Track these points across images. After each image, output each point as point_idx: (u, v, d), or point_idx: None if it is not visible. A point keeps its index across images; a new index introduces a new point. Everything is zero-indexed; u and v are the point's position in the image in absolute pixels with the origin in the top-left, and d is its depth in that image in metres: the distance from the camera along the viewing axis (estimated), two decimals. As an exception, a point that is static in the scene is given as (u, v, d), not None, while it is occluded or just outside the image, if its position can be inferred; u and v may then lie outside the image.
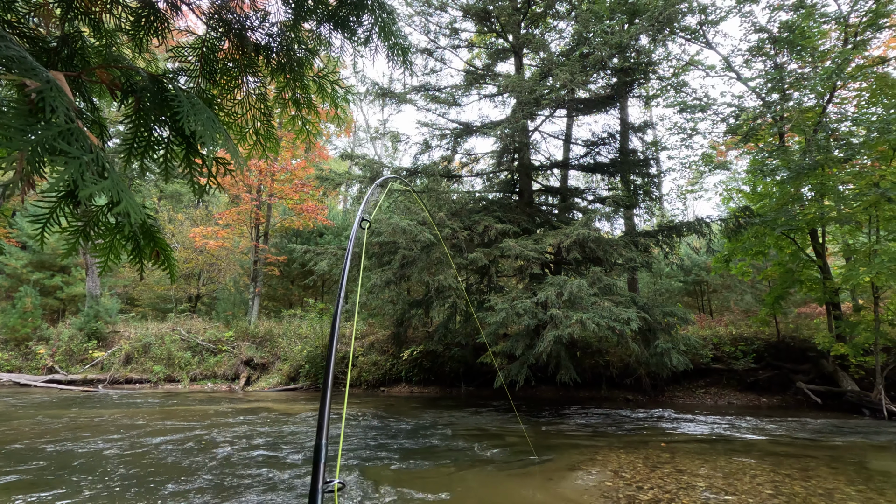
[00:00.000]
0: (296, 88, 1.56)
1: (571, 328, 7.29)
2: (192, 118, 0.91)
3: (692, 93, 11.00)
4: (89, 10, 1.33)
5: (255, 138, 1.58)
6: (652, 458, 5.70)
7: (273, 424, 7.75)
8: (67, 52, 1.23)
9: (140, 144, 1.12)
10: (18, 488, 4.46)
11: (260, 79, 1.55)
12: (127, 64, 1.08)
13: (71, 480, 4.70)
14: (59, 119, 0.67)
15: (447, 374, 12.14)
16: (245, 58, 1.44)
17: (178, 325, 14.88)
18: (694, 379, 10.79)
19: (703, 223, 9.60)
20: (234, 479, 4.86)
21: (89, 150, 0.70)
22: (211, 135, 0.93)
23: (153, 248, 1.02)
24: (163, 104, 1.01)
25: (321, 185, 11.90)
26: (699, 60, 11.57)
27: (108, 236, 1.03)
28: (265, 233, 17.21)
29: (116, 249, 1.05)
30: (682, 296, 16.21)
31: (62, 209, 0.91)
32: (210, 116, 0.95)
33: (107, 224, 1.00)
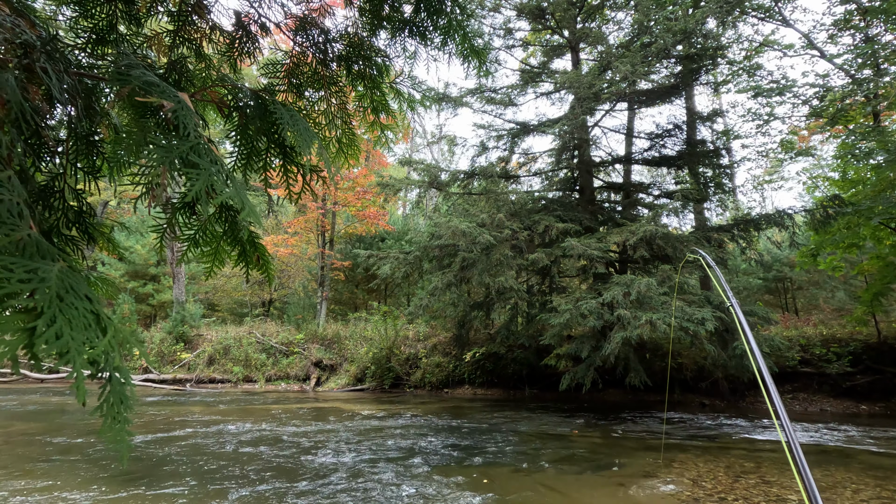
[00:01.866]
0: (374, 95, 1.65)
1: (640, 329, 7.00)
2: (291, 129, 1.00)
3: (768, 75, 10.23)
4: (192, 38, 1.49)
5: (337, 146, 1.69)
6: (735, 467, 5.35)
7: (340, 422, 8.06)
8: (175, 78, 1.38)
9: (243, 156, 1.23)
10: (128, 482, 4.92)
11: (340, 89, 1.65)
12: (232, 83, 1.20)
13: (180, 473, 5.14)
14: (192, 135, 0.76)
15: (510, 377, 12.04)
16: (327, 70, 1.55)
17: (253, 329, 15.84)
18: (779, 383, 9.99)
19: (784, 215, 8.90)
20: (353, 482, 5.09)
21: (214, 161, 0.79)
22: (307, 144, 1.01)
23: (255, 253, 1.12)
24: (262, 117, 1.11)
25: (382, 192, 12.23)
26: (775, 40, 10.75)
27: (214, 243, 1.14)
28: (330, 239, 17.95)
29: (220, 256, 1.17)
30: (761, 293, 15.08)
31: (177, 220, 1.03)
32: (306, 127, 1.04)
33: (213, 232, 1.12)
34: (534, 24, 12.02)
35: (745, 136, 11.42)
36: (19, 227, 0.62)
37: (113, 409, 0.64)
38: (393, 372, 13.03)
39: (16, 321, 0.56)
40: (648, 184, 12.30)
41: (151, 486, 4.55)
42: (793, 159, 11.43)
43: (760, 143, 11.83)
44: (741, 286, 15.05)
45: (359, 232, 18.45)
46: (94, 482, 4.64)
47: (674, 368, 10.61)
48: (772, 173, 14.53)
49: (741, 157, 12.20)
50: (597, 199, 11.71)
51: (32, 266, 0.59)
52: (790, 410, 9.31)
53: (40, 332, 0.56)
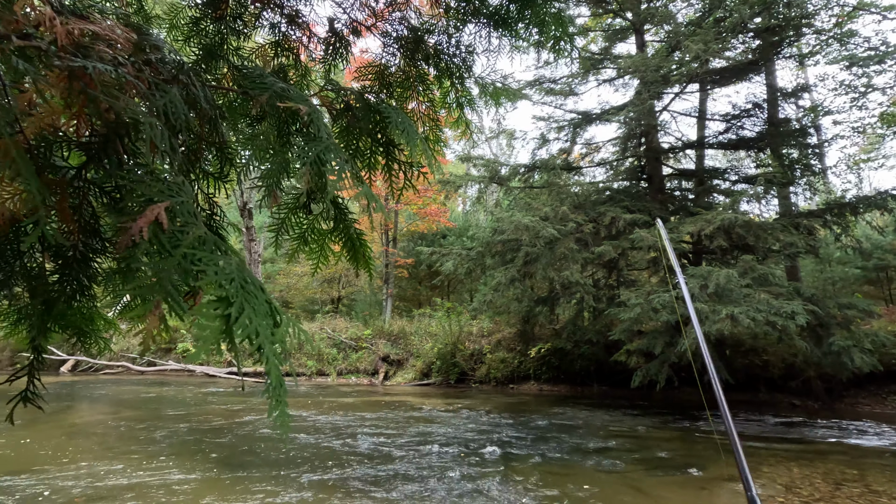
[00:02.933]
0: (459, 92, 1.68)
1: (720, 324, 6.59)
2: (399, 128, 1.05)
3: (864, 42, 9.24)
4: (292, 47, 1.61)
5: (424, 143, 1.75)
6: (834, 473, 4.91)
7: (411, 414, 8.25)
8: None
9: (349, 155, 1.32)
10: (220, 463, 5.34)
11: (428, 86, 1.70)
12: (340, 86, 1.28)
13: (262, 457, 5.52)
14: (323, 136, 0.83)
15: (577, 373, 11.76)
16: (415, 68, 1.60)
17: (324, 325, 16.58)
18: (885, 383, 9.02)
19: (887, 197, 8.01)
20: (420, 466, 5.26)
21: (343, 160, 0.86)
22: (413, 139, 1.06)
23: (361, 250, 1.20)
24: (368, 117, 1.17)
25: (443, 189, 12.35)
26: (871, 2, 9.68)
27: (320, 241, 1.23)
28: (394, 237, 18.39)
29: (326, 253, 1.25)
30: (860, 284, 13.66)
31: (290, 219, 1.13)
32: (411, 124, 1.09)
33: (319, 230, 1.20)
34: (594, 9, 11.62)
35: (836, 112, 10.40)
36: (198, 226, 0.70)
37: (276, 391, 0.71)
38: (458, 367, 13.15)
39: (212, 309, 0.64)
40: (724, 169, 11.51)
41: (239, 470, 4.91)
42: (895, 135, 10.25)
43: (856, 117, 10.70)
44: (836, 276, 13.72)
45: (420, 229, 18.77)
46: (193, 465, 5.09)
47: (757, 366, 9.89)
48: (870, 151, 13.11)
49: (833, 134, 11.13)
50: (666, 187, 11.14)
51: (217, 259, 0.67)
52: (895, 413, 8.39)
53: (234, 319, 0.64)
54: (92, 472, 4.76)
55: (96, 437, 6.43)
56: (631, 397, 10.29)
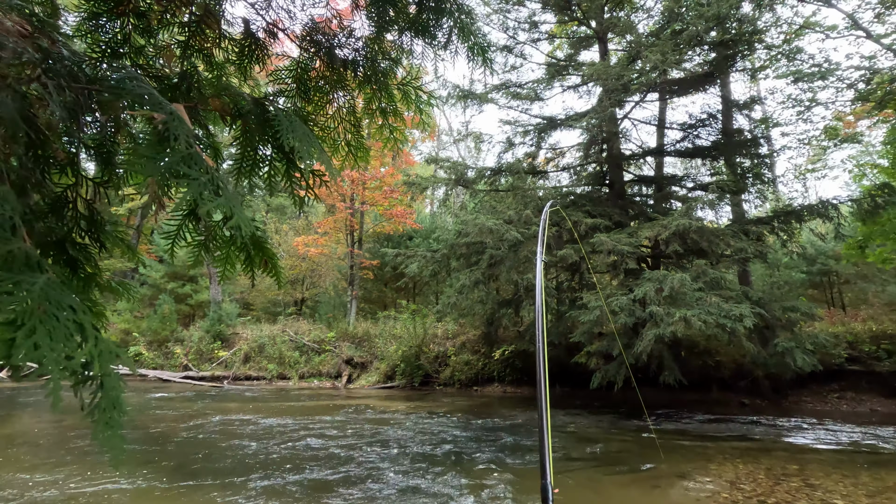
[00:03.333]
0: (382, 98, 1.65)
1: (674, 326, 6.81)
2: (290, 135, 1.01)
3: (809, 59, 9.76)
4: (202, 47, 1.54)
5: (346, 149, 1.70)
6: (776, 469, 5.13)
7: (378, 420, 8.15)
8: (186, 86, 1.42)
9: (247, 163, 1.26)
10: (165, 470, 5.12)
11: (349, 92, 1.66)
12: (234, 91, 1.22)
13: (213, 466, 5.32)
14: (181, 146, 0.78)
15: (540, 375, 11.90)
16: (335, 74, 1.56)
17: (286, 327, 16.22)
18: (825, 382, 9.52)
19: (829, 205, 8.47)
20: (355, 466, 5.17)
21: (206, 171, 0.81)
22: (307, 149, 1.03)
23: (262, 257, 1.14)
24: (265, 124, 1.13)
25: (409, 190, 12.30)
26: (816, 22, 10.25)
27: (225, 248, 1.17)
28: (359, 239, 18.18)
29: (231, 260, 1.20)
30: (804, 288, 14.41)
31: (186, 226, 1.06)
32: (305, 132, 1.05)
33: (223, 237, 1.15)
34: (560, 16, 11.82)
35: (785, 124, 10.94)
36: (11, 241, 0.64)
37: (105, 413, 0.66)
38: (422, 370, 13.10)
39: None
40: (682, 176, 11.93)
41: (186, 479, 4.72)
42: (837, 146, 10.86)
43: (802, 130, 11.29)
44: (782, 280, 14.43)
45: (387, 231, 18.63)
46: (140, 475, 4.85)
47: (710, 366, 10.27)
48: (815, 162, 13.87)
49: (781, 145, 11.70)
50: (627, 193, 11.44)
51: (17, 279, 0.61)
52: (836, 410, 8.88)
53: (19, 343, 0.59)
54: (25, 484, 4.47)
55: (34, 447, 6.06)
56: (591, 398, 10.49)
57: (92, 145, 1.10)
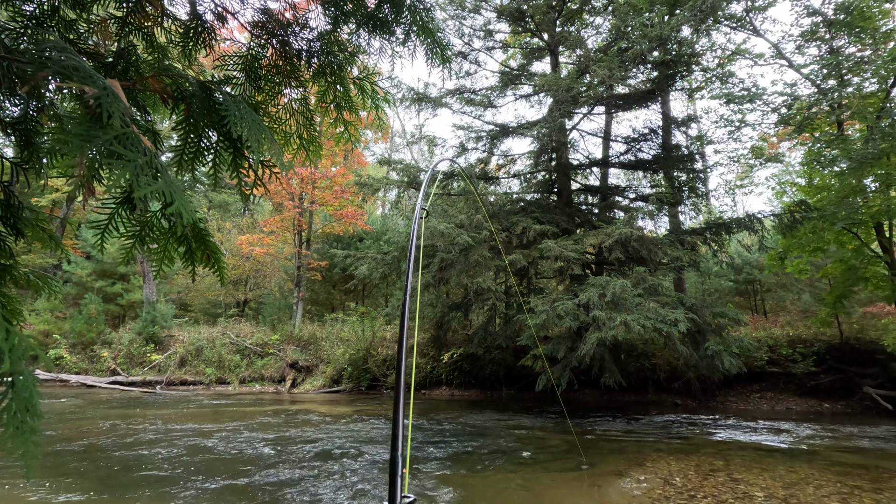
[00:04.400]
0: (337, 92, 1.60)
1: (615, 330, 7.09)
2: (240, 122, 0.95)
3: (739, 83, 10.51)
4: (142, 26, 1.42)
5: (298, 143, 1.63)
6: (704, 465, 5.46)
7: (318, 425, 7.93)
8: (123, 66, 1.31)
9: (190, 151, 1.17)
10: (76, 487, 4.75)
11: (302, 84, 1.59)
12: (177, 72, 1.14)
13: (122, 479, 4.97)
14: (116, 124, 0.72)
15: (487, 377, 12.07)
16: (287, 64, 1.49)
17: (227, 330, 15.51)
18: (748, 383, 10.26)
19: (754, 219, 9.14)
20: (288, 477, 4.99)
21: (143, 153, 0.74)
22: (256, 137, 0.97)
23: (204, 251, 1.07)
24: (211, 110, 1.05)
25: (360, 191, 12.13)
26: (746, 49, 11.07)
27: (163, 241, 1.08)
28: (307, 239, 17.71)
29: (170, 253, 1.11)
30: (732, 296, 15.47)
31: (119, 215, 0.97)
32: (255, 120, 0.99)
33: (160, 228, 1.06)
34: (514, 27, 12.09)
35: (717, 142, 11.70)
36: None
37: (17, 418, 0.59)
38: (370, 373, 12.92)
39: None
40: (625, 187, 12.50)
41: (110, 491, 4.39)
42: (763, 165, 11.75)
43: (732, 148, 12.15)
44: (713, 288, 15.43)
45: (336, 231, 18.25)
46: (64, 488, 4.46)
47: (647, 369, 10.79)
48: (743, 178, 14.93)
49: (714, 162, 12.51)
50: (574, 201, 11.83)
51: None
52: (758, 408, 9.57)
53: None
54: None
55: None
56: (536, 400, 10.74)
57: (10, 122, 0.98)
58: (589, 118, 11.98)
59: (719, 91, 10.60)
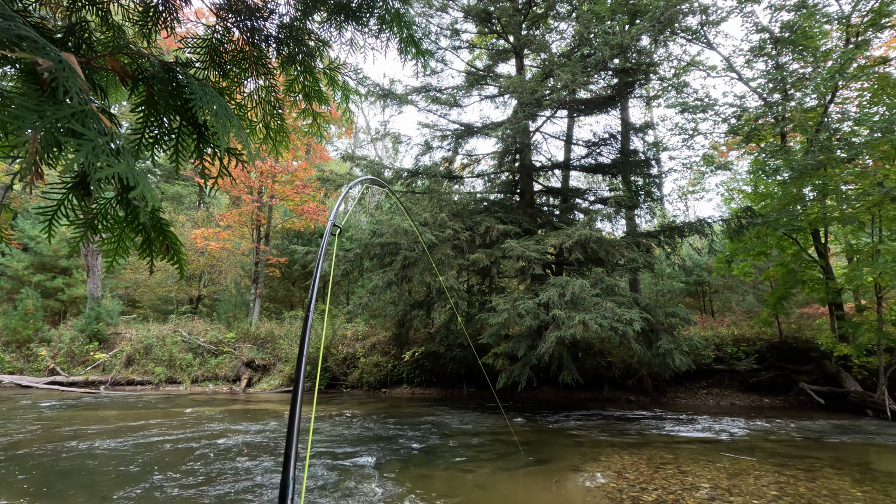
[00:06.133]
0: (306, 81, 1.54)
1: (574, 329, 7.27)
2: (205, 106, 0.89)
3: (693, 93, 11.00)
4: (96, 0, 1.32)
5: (264, 133, 1.57)
6: (655, 459, 5.68)
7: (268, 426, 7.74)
8: (74, 43, 1.21)
9: (150, 135, 1.10)
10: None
11: (269, 71, 1.53)
12: (137, 51, 1.06)
13: (52, 486, 4.69)
14: (73, 100, 0.66)
15: (449, 376, 12.12)
16: (255, 50, 1.43)
17: (179, 327, 14.87)
18: (696, 380, 10.77)
19: (704, 224, 9.59)
20: (217, 484, 4.84)
21: (103, 132, 0.69)
22: (223, 123, 0.91)
23: (163, 241, 1.00)
24: (174, 92, 0.99)
25: (322, 187, 11.91)
26: (700, 61, 11.59)
27: (117, 230, 1.01)
28: (266, 234, 17.21)
29: (125, 244, 1.03)
30: (683, 296, 16.18)
31: (70, 201, 0.90)
32: (222, 104, 0.93)
33: (115, 217, 0.98)
34: (480, 28, 12.17)
35: (672, 149, 12.22)
36: None
37: None
38: (329, 372, 12.72)
39: None
40: (585, 189, 12.82)
41: (46, 500, 4.13)
42: (713, 172, 12.35)
43: (686, 155, 12.76)
44: (666, 289, 16.07)
45: (297, 227, 17.83)
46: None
47: (603, 367, 11.13)
48: (695, 184, 15.64)
49: (669, 167, 13.06)
50: (536, 202, 12.05)
51: None
52: (705, 404, 10.05)
53: None
54: None
55: None
56: (497, 398, 10.87)
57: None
58: (552, 121, 12.23)
59: (675, 100, 11.06)
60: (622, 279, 11.67)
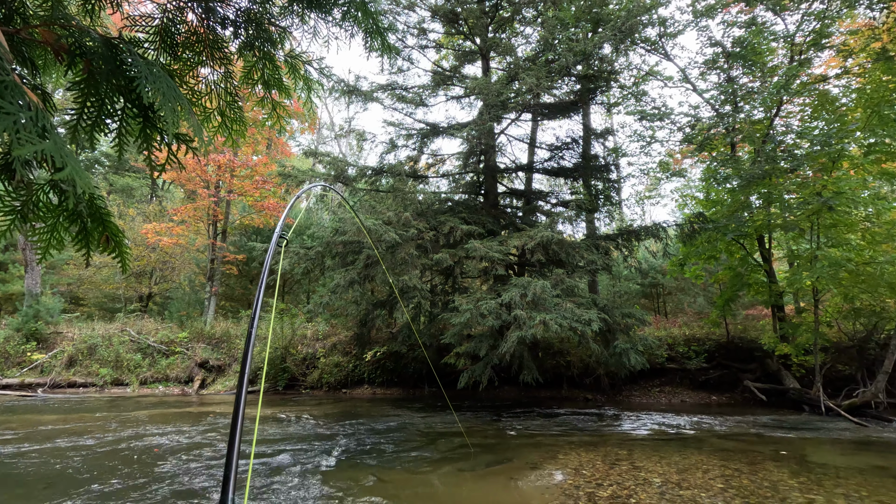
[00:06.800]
0: (266, 69, 1.47)
1: (535, 329, 7.38)
2: (153, 87, 0.82)
3: (651, 102, 11.40)
4: None
5: (219, 122, 1.48)
6: (610, 455, 5.85)
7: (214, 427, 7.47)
8: (5, 13, 1.09)
9: (90, 115, 1.01)
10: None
11: (226, 56, 1.45)
12: (76, 23, 0.97)
13: None
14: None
15: (410, 376, 12.07)
16: (210, 32, 1.35)
17: (127, 326, 14.15)
18: (650, 378, 11.16)
19: (660, 228, 9.95)
20: (152, 492, 4.65)
21: (28, 107, 0.62)
22: (172, 107, 0.85)
23: (102, 232, 0.92)
24: (118, 71, 0.91)
25: (283, 183, 11.60)
26: (658, 71, 12.02)
27: (50, 218, 0.92)
28: (223, 230, 16.63)
29: (59, 233, 0.94)
30: (639, 298, 16.75)
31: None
32: (171, 86, 0.86)
33: (48, 204, 0.90)
34: (447, 28, 12.18)
35: (631, 155, 12.63)
36: None
37: None
38: (288, 372, 12.41)
39: None
40: (547, 192, 13.08)
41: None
42: (668, 178, 12.85)
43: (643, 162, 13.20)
44: (623, 290, 16.59)
45: (256, 224, 17.30)
46: None
47: (562, 366, 11.37)
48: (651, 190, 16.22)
49: (627, 173, 13.51)
50: (500, 203, 12.17)
51: None
52: (657, 402, 10.43)
53: None
54: None
55: None
56: (458, 398, 10.91)
57: None
58: (516, 124, 12.39)
59: (634, 108, 11.43)
60: (582, 280, 11.96)
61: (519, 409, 9.48)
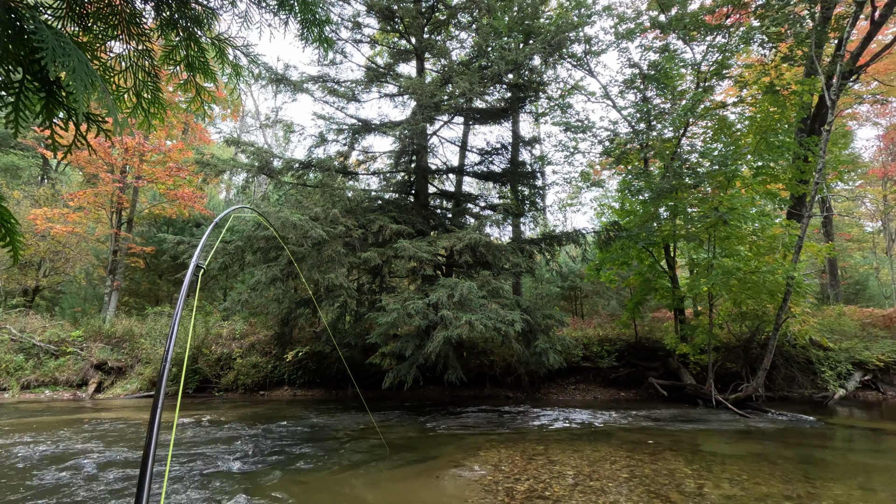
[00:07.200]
0: (190, 49, 1.35)
1: (461, 329, 7.51)
2: (60, 59, 0.72)
3: (576, 115, 12.05)
4: None
5: (135, 101, 1.34)
6: (528, 451, 6.09)
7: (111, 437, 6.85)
8: None
9: None
10: None
11: (145, 32, 1.31)
12: None
13: None
14: None
15: (334, 376, 11.79)
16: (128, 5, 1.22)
17: (7, 323, 12.50)
18: (567, 376, 11.77)
19: (580, 234, 10.52)
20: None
21: None
22: (83, 82, 0.74)
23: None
24: (17, 38, 0.79)
25: (201, 171, 10.84)
26: (583, 86, 12.74)
27: None
28: (129, 219, 15.21)
29: None
30: (559, 300, 17.60)
31: None
32: (83, 60, 0.76)
33: None
34: (383, 25, 12.06)
35: (555, 164, 13.27)
36: None
37: None
38: (200, 374, 11.62)
39: None
40: (477, 195, 13.34)
41: None
42: (588, 188, 13.66)
43: (566, 171, 13.93)
44: (544, 293, 17.35)
45: (168, 214, 15.99)
46: None
47: (486, 365, 11.66)
48: (573, 198, 17.14)
49: (552, 181, 14.15)
50: (430, 204, 12.24)
51: None
52: (573, 399, 11.03)
53: None
54: None
55: None
56: (382, 398, 10.83)
57: None
58: (449, 126, 12.53)
59: (560, 119, 12.02)
60: (507, 282, 12.35)
61: (443, 409, 9.59)
